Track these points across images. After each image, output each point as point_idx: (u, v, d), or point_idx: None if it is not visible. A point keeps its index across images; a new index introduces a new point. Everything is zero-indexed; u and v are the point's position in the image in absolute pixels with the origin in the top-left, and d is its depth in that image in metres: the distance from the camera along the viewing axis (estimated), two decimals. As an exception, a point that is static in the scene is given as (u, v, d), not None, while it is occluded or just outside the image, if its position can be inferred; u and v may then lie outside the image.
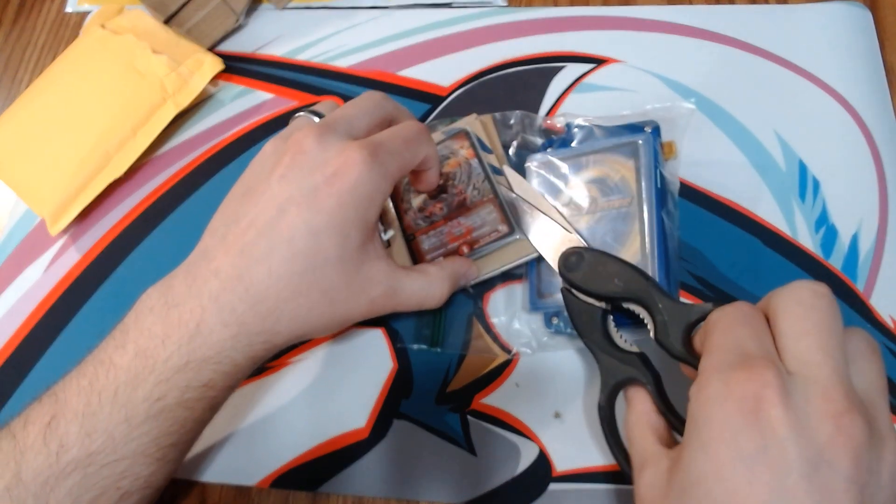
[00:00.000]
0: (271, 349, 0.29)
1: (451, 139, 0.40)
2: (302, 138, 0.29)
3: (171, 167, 0.44)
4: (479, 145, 0.39)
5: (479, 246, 0.36)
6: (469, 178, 0.38)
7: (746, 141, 0.39)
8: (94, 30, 0.46)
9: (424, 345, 0.36)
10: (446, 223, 0.38)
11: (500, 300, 0.37)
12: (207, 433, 0.36)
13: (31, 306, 0.41)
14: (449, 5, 0.47)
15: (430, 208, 0.38)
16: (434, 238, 0.38)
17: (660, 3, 0.45)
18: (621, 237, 0.34)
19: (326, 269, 0.28)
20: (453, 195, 0.38)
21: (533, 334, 0.36)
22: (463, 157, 0.39)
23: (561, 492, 0.33)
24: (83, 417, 0.26)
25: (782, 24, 0.43)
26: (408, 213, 0.39)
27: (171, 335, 0.27)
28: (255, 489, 0.35)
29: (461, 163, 0.39)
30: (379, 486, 0.34)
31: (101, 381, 0.27)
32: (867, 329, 0.35)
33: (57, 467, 0.26)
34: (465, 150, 0.39)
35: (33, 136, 0.43)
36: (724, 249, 0.37)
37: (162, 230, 0.42)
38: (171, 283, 0.29)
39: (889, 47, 0.42)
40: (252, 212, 0.28)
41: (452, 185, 0.38)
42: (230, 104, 0.46)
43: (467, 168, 0.38)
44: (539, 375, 0.35)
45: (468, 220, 0.37)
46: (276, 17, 0.49)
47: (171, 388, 0.27)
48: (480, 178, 0.38)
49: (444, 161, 0.39)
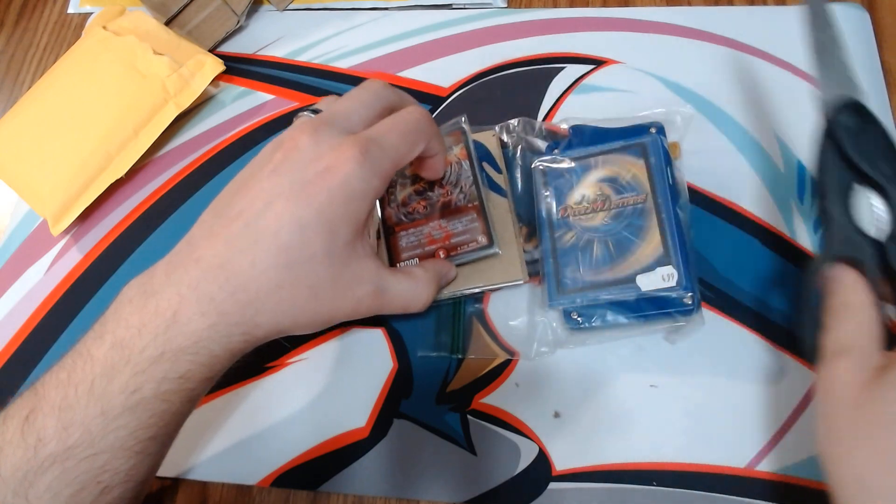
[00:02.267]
0: (251, 342, 0.28)
1: (447, 135, 0.38)
2: (297, 134, 0.28)
3: (173, 168, 0.45)
4: (473, 147, 0.38)
5: (455, 254, 0.36)
6: (458, 179, 0.37)
7: (745, 142, 0.39)
8: (96, 31, 0.46)
9: (444, 353, 0.36)
10: (427, 223, 0.37)
11: (502, 299, 0.37)
12: (208, 432, 0.36)
13: (32, 306, 0.41)
14: (449, 6, 0.47)
15: (413, 204, 0.37)
16: (412, 237, 0.37)
17: (659, 5, 0.45)
18: (640, 232, 0.34)
19: (312, 264, 0.27)
20: (438, 195, 0.37)
21: (551, 333, 0.35)
22: (455, 157, 0.38)
23: (560, 491, 0.33)
24: (60, 411, 0.26)
25: (781, 25, 0.43)
26: (391, 204, 0.38)
27: (148, 325, 0.26)
28: (256, 488, 0.35)
29: (452, 162, 0.37)
30: (379, 485, 0.34)
31: (79, 373, 0.26)
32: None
33: (35, 462, 0.25)
34: (458, 148, 0.38)
35: (35, 137, 0.43)
36: (723, 250, 0.37)
37: (163, 230, 0.43)
38: (153, 272, 0.28)
39: (887, 48, 0.42)
40: (241, 204, 0.28)
41: (439, 185, 0.37)
42: (231, 105, 0.46)
43: (457, 169, 0.37)
44: (539, 375, 0.35)
45: (449, 224, 0.36)
46: (276, 19, 0.49)
47: (148, 379, 0.26)
48: (469, 181, 0.37)
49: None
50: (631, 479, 0.32)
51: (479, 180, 0.37)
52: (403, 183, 0.38)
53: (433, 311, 0.37)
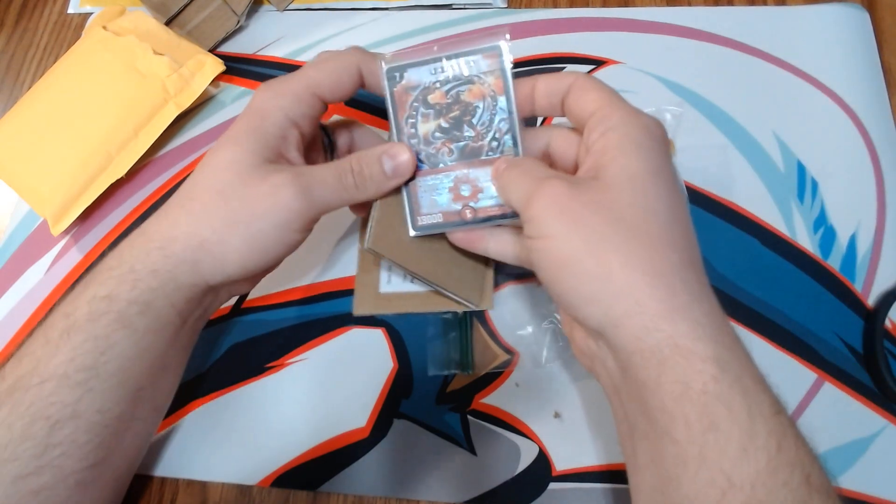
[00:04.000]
0: (170, 257, 0.29)
1: (481, 55, 0.30)
2: None
3: (173, 168, 0.45)
4: (511, 78, 0.29)
5: (485, 216, 0.31)
6: (491, 121, 0.30)
7: (745, 142, 0.39)
8: (96, 31, 0.46)
9: (455, 370, 0.36)
10: (453, 171, 0.31)
11: (505, 303, 0.37)
12: (208, 432, 0.36)
13: (32, 306, 0.41)
14: (449, 6, 0.47)
15: (437, 144, 0.31)
16: (434, 191, 0.31)
17: (659, 5, 0.45)
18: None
19: (218, 171, 0.29)
20: (468, 137, 0.30)
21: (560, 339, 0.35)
22: (489, 88, 0.30)
23: (561, 491, 0.33)
24: (18, 347, 0.29)
25: (780, 25, 0.43)
26: (410, 140, 0.31)
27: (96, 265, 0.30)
28: (256, 488, 0.35)
29: (486, 95, 0.30)
30: (379, 485, 0.34)
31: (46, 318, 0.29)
32: (866, 329, 0.35)
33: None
34: (492, 77, 0.30)
35: (35, 137, 0.43)
36: (723, 250, 0.37)
37: (163, 231, 0.43)
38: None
39: (887, 48, 0.42)
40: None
41: (470, 125, 0.30)
42: (231, 105, 0.46)
43: (491, 107, 0.30)
44: (539, 375, 0.35)
45: (476, 174, 0.30)
46: (277, 19, 0.49)
47: (80, 302, 0.28)
48: (504, 126, 0.30)
49: (462, 86, 0.30)
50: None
51: (516, 127, 0.30)
52: (426, 114, 0.31)
53: (439, 328, 0.37)
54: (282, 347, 0.38)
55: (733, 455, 0.21)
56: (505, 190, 0.29)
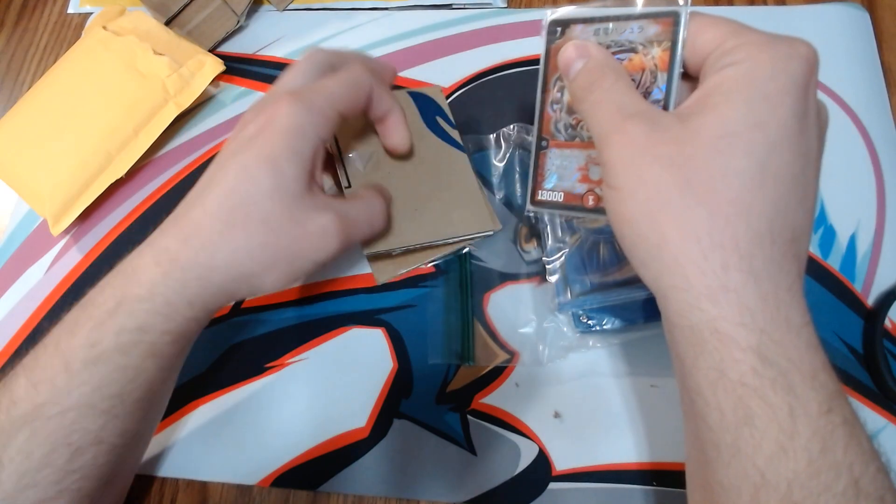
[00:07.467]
0: (209, 288, 0.28)
1: (653, 20, 0.26)
2: (244, 112, 0.31)
3: (173, 168, 0.45)
4: (681, 54, 0.25)
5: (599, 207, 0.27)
6: (646, 97, 0.25)
7: (745, 142, 0.39)
8: (96, 31, 0.46)
9: (455, 361, 0.36)
10: (587, 150, 0.27)
11: (505, 302, 0.37)
12: (208, 432, 0.36)
13: (32, 306, 0.41)
14: (449, 6, 0.47)
15: (578, 117, 0.28)
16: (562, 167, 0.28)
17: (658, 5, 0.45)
18: None
19: (261, 199, 0.27)
20: None
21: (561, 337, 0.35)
22: (651, 62, 0.26)
23: (560, 491, 0.33)
24: (30, 371, 0.27)
25: (780, 25, 0.43)
26: (553, 106, 0.28)
27: (111, 283, 0.28)
28: (256, 488, 0.35)
29: (647, 69, 0.26)
30: (379, 485, 0.34)
31: (49, 336, 0.28)
32: (866, 329, 0.35)
33: (8, 423, 0.26)
34: (659, 49, 0.26)
35: (35, 137, 0.43)
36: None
37: (163, 231, 0.43)
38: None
39: (887, 48, 0.42)
40: (201, 179, 0.30)
41: None
42: (231, 105, 0.46)
43: (648, 82, 0.26)
44: (539, 375, 0.35)
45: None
46: (276, 19, 0.49)
47: (106, 332, 0.27)
48: (658, 104, 0.25)
49: (623, 54, 0.26)
50: (631, 479, 0.32)
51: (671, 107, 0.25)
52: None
53: (441, 318, 0.37)
54: (282, 347, 0.38)
55: (769, 452, 0.20)
56: (585, 114, 0.26)
